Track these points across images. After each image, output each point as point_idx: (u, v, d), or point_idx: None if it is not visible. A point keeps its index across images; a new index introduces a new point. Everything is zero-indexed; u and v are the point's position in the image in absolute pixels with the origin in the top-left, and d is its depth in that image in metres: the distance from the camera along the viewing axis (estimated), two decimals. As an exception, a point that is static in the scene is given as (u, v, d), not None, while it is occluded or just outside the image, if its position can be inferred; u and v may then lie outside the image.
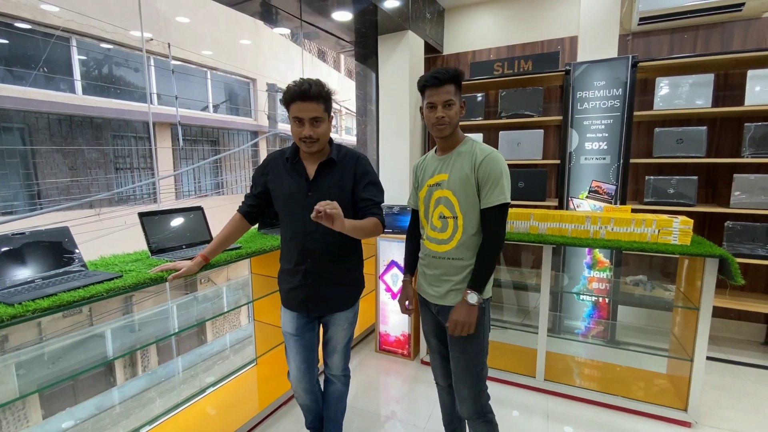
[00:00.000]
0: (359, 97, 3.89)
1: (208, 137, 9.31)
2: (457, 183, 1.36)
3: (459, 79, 1.35)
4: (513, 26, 3.47)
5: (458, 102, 1.35)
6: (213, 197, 9.03)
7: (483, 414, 1.45)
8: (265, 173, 1.50)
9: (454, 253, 1.39)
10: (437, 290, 1.44)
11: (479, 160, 1.33)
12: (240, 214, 1.57)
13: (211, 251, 1.58)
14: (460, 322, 1.32)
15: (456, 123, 1.37)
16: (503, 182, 1.32)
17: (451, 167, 1.39)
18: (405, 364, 2.64)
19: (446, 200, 1.39)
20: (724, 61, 2.56)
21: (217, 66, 8.84)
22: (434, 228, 1.44)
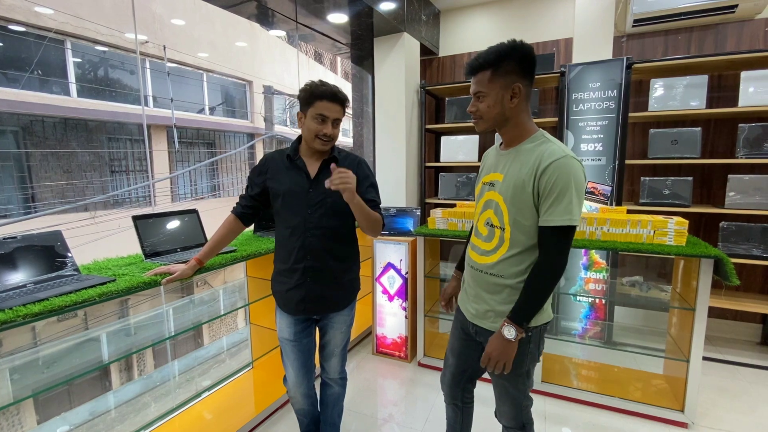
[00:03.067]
0: (355, 99, 3.89)
1: (204, 140, 9.28)
2: (510, 188, 1.12)
3: (503, 60, 1.07)
4: (508, 28, 3.48)
5: (501, 90, 1.09)
6: (209, 200, 9.00)
7: (522, 426, 1.32)
8: (263, 172, 1.46)
9: (494, 268, 1.18)
10: (476, 308, 1.25)
11: (543, 165, 1.06)
12: (234, 216, 1.52)
13: (205, 254, 1.55)
14: (494, 358, 1.13)
15: (496, 116, 1.12)
16: (572, 198, 1.04)
17: (509, 168, 1.15)
18: (402, 366, 2.64)
19: (496, 206, 1.17)
20: (717, 63, 2.58)
21: (213, 68, 8.82)
22: (479, 235, 1.24)
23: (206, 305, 2.59)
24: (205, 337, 6.11)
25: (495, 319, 1.20)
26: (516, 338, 1.10)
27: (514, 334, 1.10)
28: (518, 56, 1.08)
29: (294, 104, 10.93)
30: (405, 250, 2.57)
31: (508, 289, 1.17)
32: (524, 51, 1.08)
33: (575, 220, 1.05)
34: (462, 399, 1.49)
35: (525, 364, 1.21)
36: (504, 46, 1.08)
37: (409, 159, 3.40)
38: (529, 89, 1.13)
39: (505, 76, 1.09)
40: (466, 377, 1.44)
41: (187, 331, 1.87)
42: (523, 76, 1.10)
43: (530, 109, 1.17)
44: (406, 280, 2.60)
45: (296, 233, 1.42)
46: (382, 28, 3.13)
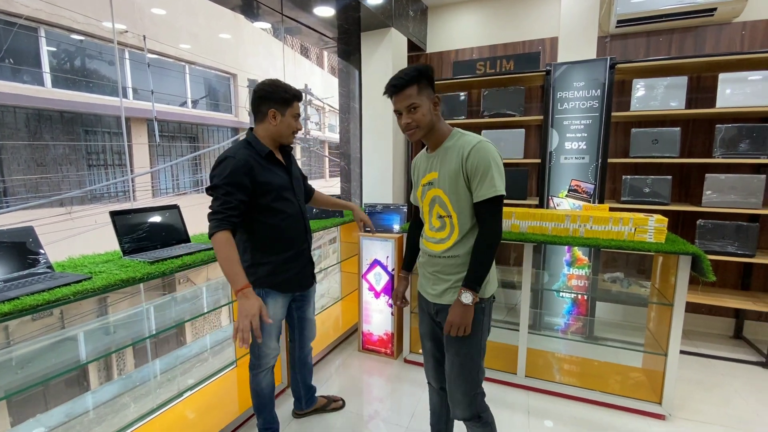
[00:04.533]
0: (342, 95, 3.85)
1: (187, 133, 9.06)
2: (446, 180, 1.31)
3: (422, 76, 1.26)
4: (495, 26, 3.49)
5: (427, 100, 1.27)
6: (192, 195, 8.81)
7: (477, 416, 1.41)
8: (247, 173, 1.44)
9: (449, 251, 1.35)
10: (436, 288, 1.40)
11: (466, 153, 1.25)
12: (230, 232, 1.38)
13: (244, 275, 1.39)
14: (455, 323, 1.28)
15: (428, 123, 1.29)
16: (493, 173, 1.24)
17: (440, 164, 1.33)
18: (388, 363, 2.64)
19: (440, 199, 1.34)
20: (697, 65, 2.64)
21: (196, 60, 8.60)
22: (433, 228, 1.41)
23: (189, 303, 2.54)
24: (188, 336, 5.99)
25: (453, 293, 1.36)
26: (472, 302, 1.26)
27: (470, 299, 1.26)
28: (427, 74, 1.28)
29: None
30: (391, 247, 2.56)
31: (463, 265, 1.33)
32: (429, 70, 1.29)
33: (501, 190, 1.25)
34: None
35: (479, 335, 1.35)
36: (415, 67, 1.27)
37: (395, 155, 3.39)
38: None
39: (426, 89, 1.28)
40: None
41: (168, 329, 1.82)
42: (433, 90, 1.31)
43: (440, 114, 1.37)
44: (393, 276, 2.59)
45: (296, 220, 1.61)
46: (370, 23, 3.10)
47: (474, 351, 1.36)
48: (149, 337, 1.89)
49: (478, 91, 3.50)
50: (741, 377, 2.45)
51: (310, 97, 10.20)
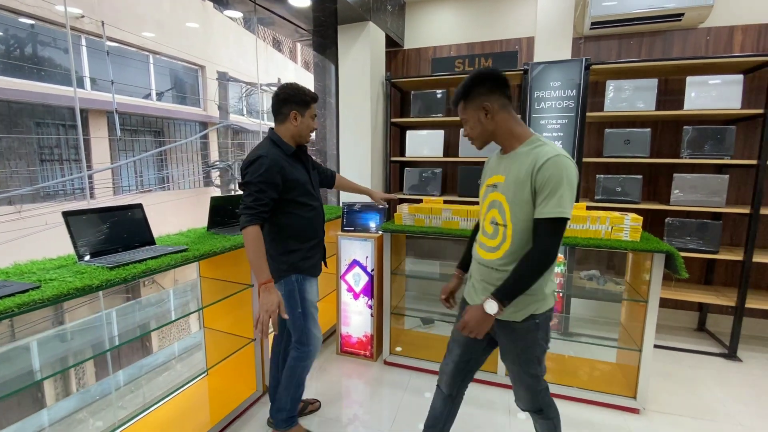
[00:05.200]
0: (318, 89, 3.74)
1: (151, 127, 8.55)
2: (511, 189, 1.23)
3: (467, 94, 1.26)
4: (473, 24, 3.48)
5: (474, 113, 1.26)
6: (157, 192, 8.35)
7: (540, 409, 1.43)
8: (279, 171, 1.56)
9: (498, 263, 1.28)
10: (482, 298, 1.32)
11: (539, 164, 1.16)
12: (260, 228, 1.52)
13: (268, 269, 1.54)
14: (470, 325, 1.23)
15: (480, 133, 1.29)
16: (563, 192, 1.13)
17: (509, 170, 1.26)
18: (368, 365, 2.58)
19: (499, 205, 1.28)
20: (666, 67, 2.73)
21: (161, 50, 8.13)
22: (485, 233, 1.35)
23: (155, 308, 2.38)
24: (154, 343, 5.66)
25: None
26: (495, 314, 1.19)
27: (495, 310, 1.19)
28: (479, 81, 1.25)
29: (252, 92, 10.39)
30: (371, 247, 2.50)
31: None
32: (483, 75, 1.25)
33: (566, 212, 1.14)
34: (458, 391, 1.54)
35: (535, 351, 1.33)
36: (467, 80, 1.26)
37: (374, 153, 3.32)
38: (503, 102, 1.26)
39: (474, 100, 1.26)
40: (469, 367, 1.50)
41: (131, 341, 1.68)
42: (490, 95, 1.25)
43: (516, 117, 1.29)
44: (372, 277, 2.53)
45: (318, 212, 1.76)
46: (347, 16, 3.01)
47: (530, 364, 1.34)
48: (110, 349, 1.73)
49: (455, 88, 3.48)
50: (706, 368, 2.56)
51: (284, 91, 9.98)
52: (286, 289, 1.68)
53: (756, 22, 2.74)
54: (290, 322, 1.73)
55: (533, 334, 1.30)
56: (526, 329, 1.30)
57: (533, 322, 1.29)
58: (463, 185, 3.19)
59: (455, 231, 2.29)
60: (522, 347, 1.33)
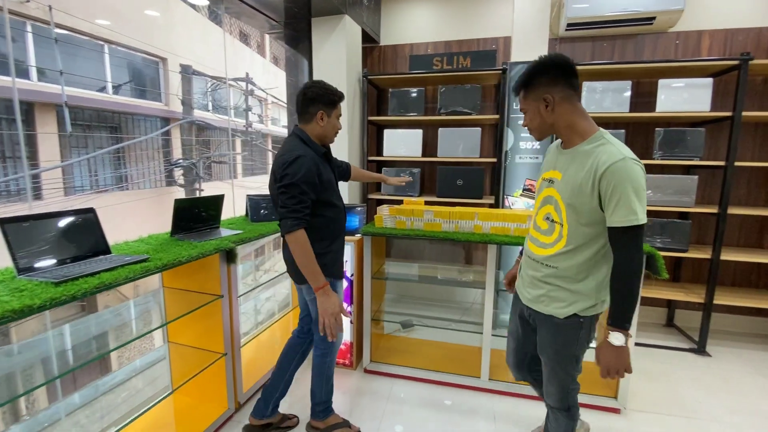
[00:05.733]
0: (290, 84, 3.57)
1: (107, 123, 7.96)
2: (568, 189, 1.20)
3: (529, 81, 1.22)
4: (450, 22, 3.43)
5: (534, 103, 1.22)
6: (114, 193, 7.79)
7: (567, 408, 1.41)
8: (317, 172, 1.54)
9: (551, 260, 1.27)
10: (531, 293, 1.35)
11: (601, 170, 1.11)
12: (304, 230, 1.51)
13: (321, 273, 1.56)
14: (612, 368, 1.17)
15: (539, 125, 1.25)
16: (631, 198, 1.09)
17: (567, 168, 1.22)
18: (347, 374, 2.46)
19: (555, 203, 1.25)
20: (639, 70, 2.78)
21: (117, 39, 7.57)
22: (537, 228, 1.33)
23: (113, 320, 2.16)
24: (113, 359, 5.23)
25: (548, 303, 1.30)
26: (625, 342, 1.15)
27: (622, 340, 1.14)
28: (542, 69, 1.19)
29: (218, 87, 9.90)
30: (350, 251, 2.39)
31: (562, 279, 1.26)
32: (547, 63, 1.19)
33: (640, 219, 1.10)
34: (532, 377, 1.59)
35: (574, 348, 1.30)
36: (530, 67, 1.21)
37: (351, 152, 3.20)
38: (567, 93, 1.19)
39: (535, 90, 1.21)
40: (529, 358, 1.53)
41: (83, 365, 1.49)
42: (553, 86, 1.19)
43: (580, 110, 1.22)
44: (352, 282, 2.42)
45: (342, 212, 1.73)
46: (321, 8, 2.87)
47: (568, 362, 1.33)
48: (60, 376, 1.53)
49: (433, 87, 3.42)
50: (679, 364, 2.63)
51: (252, 87, 9.56)
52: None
53: (723, 27, 2.85)
54: (316, 322, 1.72)
55: (575, 332, 1.27)
56: (568, 326, 1.27)
57: (577, 321, 1.26)
58: (443, 186, 3.13)
59: (438, 234, 2.22)
60: (561, 343, 1.30)
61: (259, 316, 3.19)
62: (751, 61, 2.44)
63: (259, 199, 2.48)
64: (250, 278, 3.89)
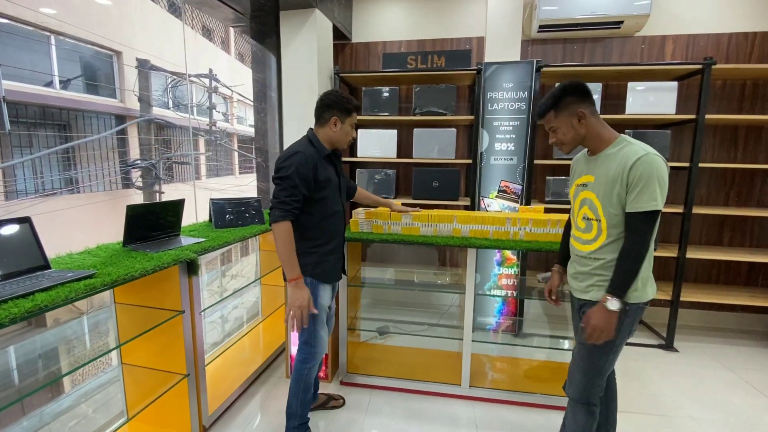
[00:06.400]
0: (257, 81, 3.38)
1: (54, 120, 7.32)
2: (602, 187, 1.34)
3: (559, 100, 1.37)
4: (424, 20, 3.37)
5: (566, 119, 1.37)
6: (64, 197, 7.17)
7: (588, 402, 1.45)
8: (312, 168, 1.59)
9: (597, 253, 1.39)
10: (581, 285, 1.45)
11: (630, 163, 1.26)
12: (290, 223, 1.57)
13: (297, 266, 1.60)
14: (598, 327, 1.30)
15: (572, 138, 1.39)
16: (654, 187, 1.24)
17: (598, 170, 1.37)
18: (323, 387, 2.33)
19: (590, 202, 1.39)
20: (610, 73, 2.83)
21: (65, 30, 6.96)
22: (578, 228, 1.47)
23: (61, 345, 1.92)
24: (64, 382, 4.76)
25: (598, 291, 1.38)
26: (618, 309, 1.27)
27: (617, 305, 1.27)
28: (570, 91, 1.36)
29: (178, 83, 9.37)
30: (324, 258, 2.26)
31: (609, 269, 1.35)
32: (573, 86, 1.36)
33: (659, 205, 1.24)
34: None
35: (616, 336, 1.34)
36: (557, 90, 1.38)
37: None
38: (592, 109, 1.38)
39: (567, 108, 1.37)
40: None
41: (17, 401, 1.28)
42: (582, 103, 1.36)
43: (603, 122, 1.40)
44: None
45: (339, 216, 1.76)
46: (290, 1, 2.72)
47: (602, 349, 1.38)
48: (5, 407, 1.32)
49: (407, 87, 3.35)
50: (648, 361, 2.69)
51: (216, 84, 9.13)
52: None
53: (685, 32, 2.95)
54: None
55: (621, 319, 1.32)
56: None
57: (624, 308, 1.31)
58: (418, 187, 3.06)
59: (416, 238, 2.13)
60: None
61: (226, 326, 2.99)
62: (714, 65, 2.53)
63: (223, 204, 2.31)
64: (216, 284, 3.66)
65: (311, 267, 1.68)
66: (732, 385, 2.43)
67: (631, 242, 1.29)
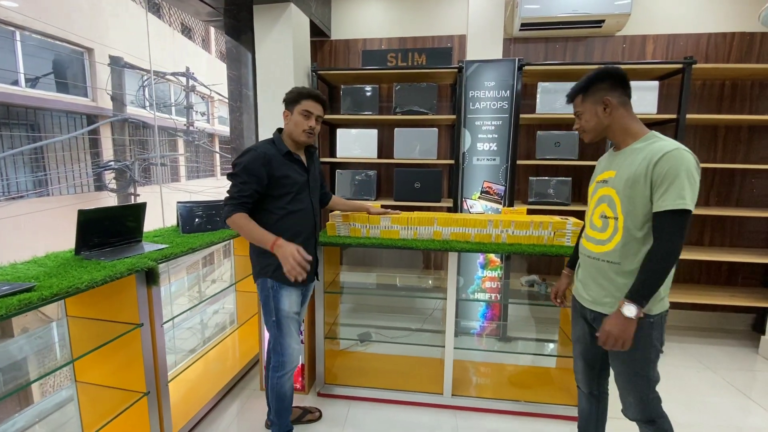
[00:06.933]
0: (232, 79, 3.25)
1: (21, 120, 6.96)
2: (622, 182, 1.24)
3: (586, 89, 1.30)
4: (405, 18, 3.29)
5: (593, 106, 1.29)
6: (31, 200, 6.83)
7: (651, 420, 1.35)
8: (266, 164, 1.55)
9: (610, 255, 1.28)
10: (592, 295, 1.35)
11: (657, 158, 1.16)
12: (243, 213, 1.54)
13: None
14: (613, 335, 1.19)
15: (595, 126, 1.31)
16: (683, 183, 1.13)
17: (621, 164, 1.28)
18: (299, 399, 2.22)
19: (609, 199, 1.29)
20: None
21: (30, 25, 6.58)
22: (593, 227, 1.36)
23: (2, 363, 1.77)
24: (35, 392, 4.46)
25: (612, 304, 1.27)
26: (635, 316, 1.16)
27: (634, 312, 1.16)
28: (602, 77, 1.28)
29: (157, 81, 9.06)
30: (299, 263, 2.15)
31: (624, 274, 1.25)
32: (610, 72, 1.28)
33: (688, 204, 1.12)
34: (598, 388, 1.54)
35: (648, 351, 1.26)
36: (590, 74, 1.30)
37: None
38: (623, 99, 1.28)
39: (595, 94, 1.29)
40: (599, 364, 1.48)
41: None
42: (612, 91, 1.27)
43: (633, 115, 1.30)
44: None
45: (306, 215, 1.70)
46: (264, -6, 2.60)
47: (643, 366, 1.29)
48: None
49: (388, 85, 3.26)
50: (633, 363, 2.65)
51: (194, 82, 8.87)
52: (262, 295, 1.68)
53: (666, 32, 2.94)
54: (268, 330, 1.73)
55: (647, 332, 1.24)
56: (638, 327, 1.21)
57: (647, 321, 1.23)
58: (400, 189, 2.97)
59: (395, 242, 2.04)
60: (633, 346, 1.23)
61: (197, 336, 2.84)
62: (695, 65, 2.52)
63: (191, 207, 2.17)
64: (189, 291, 3.50)
65: (272, 268, 1.62)
66: (713, 385, 2.41)
67: (657, 246, 1.17)
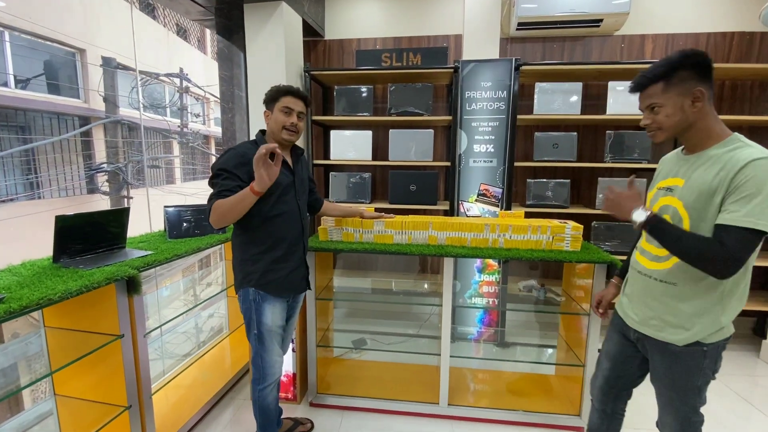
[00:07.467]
0: (224, 80, 3.18)
1: (10, 121, 6.84)
2: (693, 194, 1.06)
3: (669, 76, 1.05)
4: (399, 17, 3.23)
5: (677, 98, 1.05)
6: (22, 203, 6.72)
7: None
8: (245, 163, 1.47)
9: (666, 275, 1.13)
10: (639, 314, 1.22)
11: (740, 165, 0.97)
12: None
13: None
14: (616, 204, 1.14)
15: (675, 124, 1.08)
16: (764, 200, 0.93)
17: (692, 173, 1.09)
18: (291, 410, 2.15)
19: (673, 212, 1.11)
20: (590, 72, 2.74)
21: (18, 25, 6.44)
22: (650, 240, 1.18)
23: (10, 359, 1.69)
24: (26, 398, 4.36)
25: (662, 327, 1.16)
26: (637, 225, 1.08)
27: (642, 217, 1.06)
28: (692, 63, 1.04)
29: (148, 82, 8.96)
30: (290, 269, 2.08)
31: (679, 298, 1.11)
32: (698, 57, 1.04)
33: (762, 224, 0.93)
34: (613, 407, 1.43)
35: (696, 379, 1.14)
36: (673, 57, 1.06)
37: (292, 155, 2.88)
38: (710, 93, 1.07)
39: (681, 83, 1.05)
40: (621, 384, 1.38)
41: None
42: (703, 81, 1.05)
43: (716, 114, 1.10)
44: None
45: (292, 219, 1.60)
46: (254, -7, 2.54)
47: (686, 392, 1.17)
48: None
49: (383, 86, 3.20)
50: (633, 369, 2.59)
51: (187, 83, 8.78)
52: (243, 306, 1.58)
53: (664, 32, 2.90)
54: (249, 342, 1.65)
55: (697, 361, 1.12)
56: (688, 355, 1.12)
57: (699, 349, 1.10)
58: (395, 191, 2.91)
59: (389, 247, 1.98)
60: (680, 374, 1.15)
61: (186, 345, 2.77)
62: (694, 65, 2.46)
63: (179, 211, 2.10)
64: (179, 298, 3.42)
65: (256, 276, 1.53)
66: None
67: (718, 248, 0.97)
